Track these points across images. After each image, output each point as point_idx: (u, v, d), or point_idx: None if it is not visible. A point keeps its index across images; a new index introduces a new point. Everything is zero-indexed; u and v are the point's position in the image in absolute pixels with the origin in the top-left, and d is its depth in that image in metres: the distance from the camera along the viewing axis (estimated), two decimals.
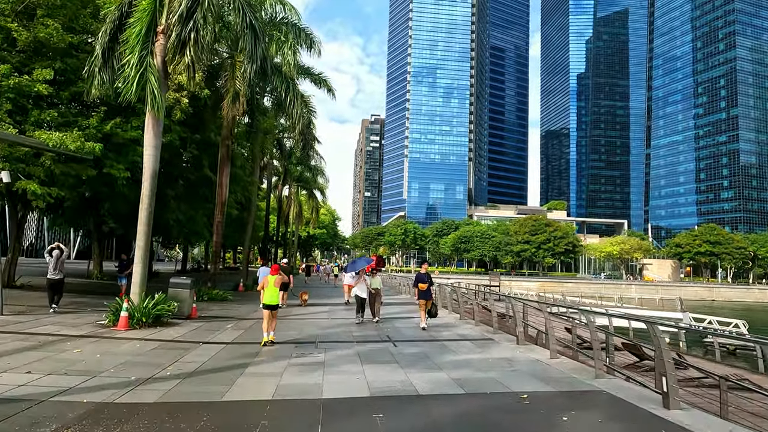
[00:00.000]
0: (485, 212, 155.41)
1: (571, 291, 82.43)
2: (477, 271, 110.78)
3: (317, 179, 50.29)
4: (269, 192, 42.56)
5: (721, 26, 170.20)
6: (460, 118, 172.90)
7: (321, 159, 36.07)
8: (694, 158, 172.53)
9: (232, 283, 26.54)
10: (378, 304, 14.41)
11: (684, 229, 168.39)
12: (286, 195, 50.31)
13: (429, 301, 13.11)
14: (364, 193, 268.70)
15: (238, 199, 25.46)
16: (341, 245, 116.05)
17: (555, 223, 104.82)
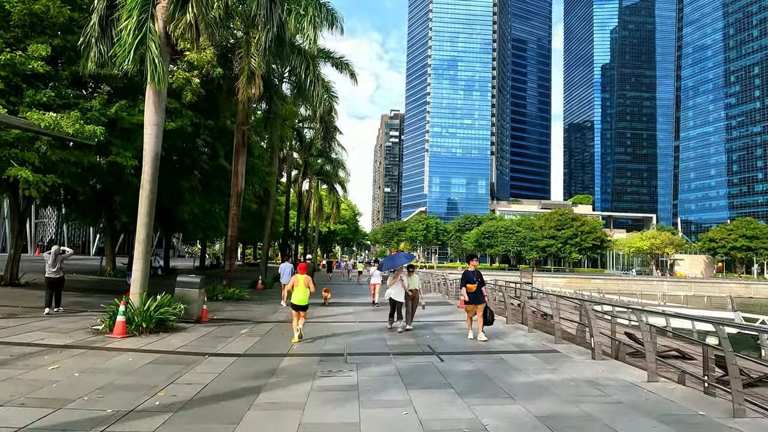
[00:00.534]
0: (508, 207, 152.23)
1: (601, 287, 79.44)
2: (501, 267, 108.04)
3: (338, 172, 48.62)
4: (289, 186, 41.03)
5: (755, 12, 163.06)
6: (482, 111, 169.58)
7: (342, 149, 34.32)
8: (726, 150, 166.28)
9: (250, 280, 25.02)
10: (415, 307, 12.43)
11: (715, 224, 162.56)
12: (306, 189, 48.80)
13: (480, 306, 10.51)
14: (383, 189, 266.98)
15: (256, 192, 23.86)
16: (362, 241, 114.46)
17: (582, 218, 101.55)
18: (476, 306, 10.54)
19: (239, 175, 18.18)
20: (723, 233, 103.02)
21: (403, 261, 12.49)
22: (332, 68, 25.02)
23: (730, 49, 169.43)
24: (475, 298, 10.54)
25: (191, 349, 8.74)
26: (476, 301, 10.53)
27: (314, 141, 38.24)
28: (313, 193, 53.21)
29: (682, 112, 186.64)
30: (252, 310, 15.33)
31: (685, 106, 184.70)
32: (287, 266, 18.04)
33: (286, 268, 17.74)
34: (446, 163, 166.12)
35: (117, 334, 9.49)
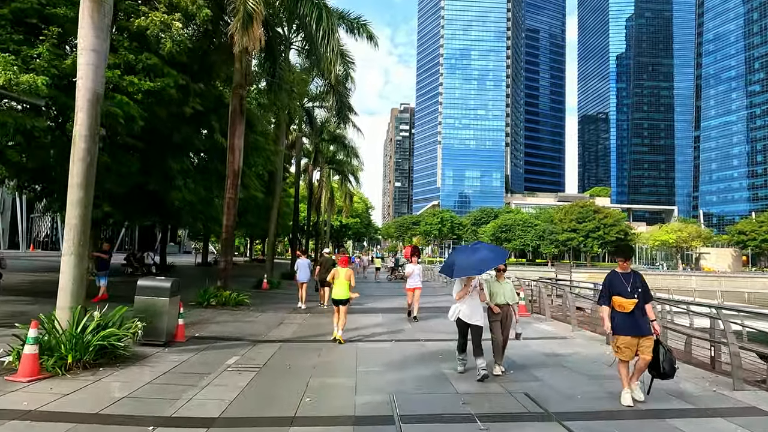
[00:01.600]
0: (523, 200, 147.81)
1: None
2: (519, 262, 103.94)
3: (351, 160, 44.95)
4: (298, 175, 37.45)
5: None
6: (496, 101, 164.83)
7: (357, 131, 30.48)
8: (750, 140, 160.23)
9: (255, 279, 21.53)
10: (507, 335, 7.40)
11: (738, 216, 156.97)
12: (316, 179, 45.22)
13: (645, 342, 5.67)
14: (394, 184, 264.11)
15: (260, 174, 20.18)
16: (374, 236, 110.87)
17: (604, 210, 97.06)
18: (639, 340, 5.68)
19: (236, 150, 14.53)
20: (753, 225, 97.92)
21: (489, 259, 6.93)
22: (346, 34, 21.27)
23: (754, 35, 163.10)
24: (633, 325, 5.68)
25: (134, 406, 5.12)
26: (637, 332, 5.68)
27: (326, 124, 34.62)
28: (325, 183, 49.69)
29: (702, 101, 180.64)
30: (251, 321, 11.71)
31: (706, 95, 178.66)
32: (304, 262, 15.65)
33: (302, 264, 15.46)
34: (459, 156, 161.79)
35: (24, 374, 5.91)
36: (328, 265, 13.59)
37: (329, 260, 14.33)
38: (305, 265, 15.39)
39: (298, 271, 15.42)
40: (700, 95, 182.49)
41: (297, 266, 15.78)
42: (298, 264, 15.73)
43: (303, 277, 15.02)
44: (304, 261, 15.72)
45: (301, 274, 15.10)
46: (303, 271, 15.16)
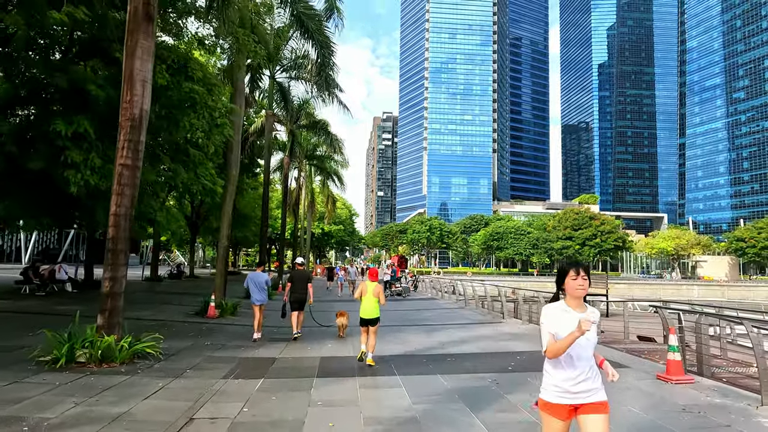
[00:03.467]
0: (511, 207, 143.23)
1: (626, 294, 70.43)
2: (510, 272, 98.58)
3: (334, 157, 38.64)
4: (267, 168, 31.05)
5: (764, 2, 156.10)
6: (483, 106, 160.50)
7: (345, 109, 24.12)
8: (736, 146, 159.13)
9: (204, 300, 14.99)
10: None
11: (725, 224, 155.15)
12: (296, 178, 38.79)
13: None
14: (376, 193, 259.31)
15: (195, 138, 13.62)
16: (357, 245, 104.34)
17: (601, 216, 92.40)
18: None
19: (136, 82, 8.15)
20: (752, 232, 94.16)
21: None
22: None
23: (737, 42, 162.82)
24: None
25: None
26: None
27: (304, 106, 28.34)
28: (305, 182, 43.30)
29: (687, 108, 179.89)
30: (127, 415, 5.26)
31: (691, 102, 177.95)
32: (258, 276, 11.45)
33: (256, 279, 11.34)
34: (446, 162, 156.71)
35: None
36: (302, 280, 10.88)
37: (303, 274, 11.11)
38: (261, 282, 11.27)
39: (251, 290, 11.29)
40: (685, 102, 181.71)
41: (247, 282, 11.35)
42: (248, 279, 11.36)
43: (258, 297, 11.12)
44: (259, 275, 11.41)
45: (255, 295, 11.14)
46: (255, 290, 11.18)
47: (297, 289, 10.73)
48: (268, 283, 11.48)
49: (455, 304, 20.03)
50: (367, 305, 8.45)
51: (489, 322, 13.73)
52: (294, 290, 10.79)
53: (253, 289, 11.12)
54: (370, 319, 8.35)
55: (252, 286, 11.11)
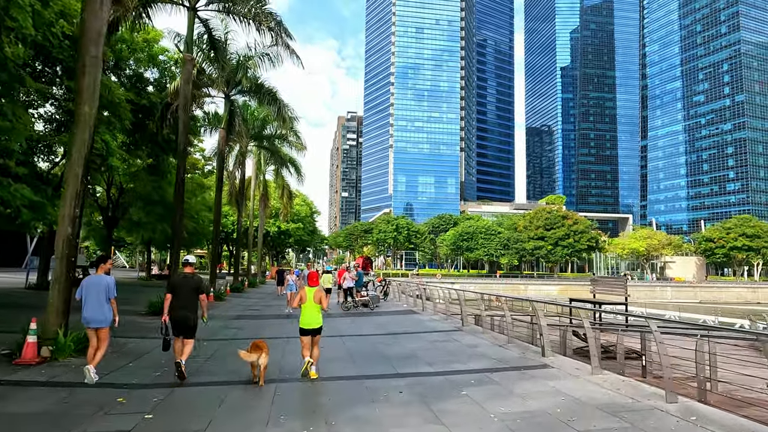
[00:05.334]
0: (479, 207, 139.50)
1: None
2: (480, 274, 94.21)
3: (288, 137, 32.47)
4: (222, 160, 24.73)
5: (723, 7, 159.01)
6: (451, 104, 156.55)
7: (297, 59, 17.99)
8: (696, 149, 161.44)
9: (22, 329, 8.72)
10: None
11: (686, 225, 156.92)
12: (239, 162, 32.35)
13: None
14: (341, 194, 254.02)
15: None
16: (319, 245, 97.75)
17: (573, 216, 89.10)
18: None
19: None
20: (721, 232, 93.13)
21: None
22: None
23: (697, 46, 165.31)
24: None
25: None
26: None
27: (244, 62, 22.20)
28: (254, 169, 37.03)
29: (649, 111, 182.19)
30: None
31: (652, 105, 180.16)
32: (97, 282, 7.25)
33: (93, 285, 7.21)
34: (412, 161, 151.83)
35: None
36: (189, 290, 7.26)
37: (190, 282, 7.36)
38: (100, 288, 7.16)
39: (83, 302, 7.10)
40: (647, 105, 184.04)
41: (80, 291, 7.19)
42: (84, 287, 7.18)
43: (92, 314, 7.03)
44: (99, 280, 7.27)
45: (90, 309, 7.02)
46: (94, 302, 7.05)
47: (181, 304, 7.23)
48: (111, 292, 7.25)
49: (444, 322, 14.30)
50: (308, 314, 7.61)
51: (525, 365, 8.05)
52: (176, 305, 7.22)
53: (87, 301, 7.08)
54: (312, 329, 7.54)
55: (86, 296, 7.10)
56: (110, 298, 7.17)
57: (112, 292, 7.19)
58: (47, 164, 21.85)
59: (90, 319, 6.99)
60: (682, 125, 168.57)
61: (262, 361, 6.92)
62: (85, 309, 7.00)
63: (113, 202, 28.29)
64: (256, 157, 36.72)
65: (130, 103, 20.77)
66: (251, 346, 7.08)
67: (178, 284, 7.24)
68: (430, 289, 19.65)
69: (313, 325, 7.57)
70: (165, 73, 22.93)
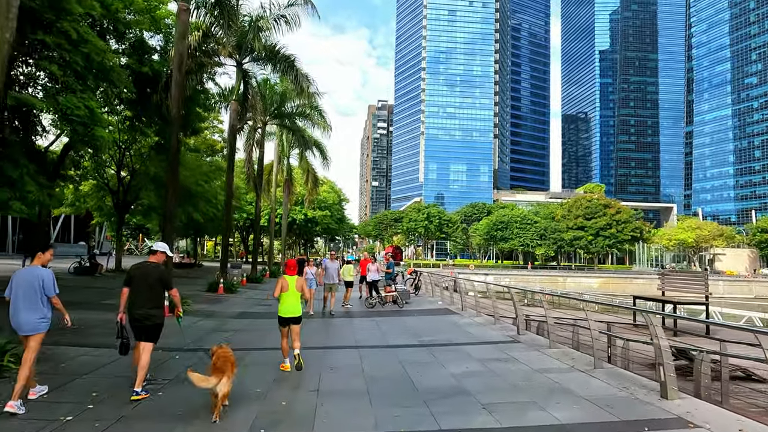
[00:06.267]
0: (513, 196, 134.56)
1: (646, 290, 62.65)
2: (516, 265, 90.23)
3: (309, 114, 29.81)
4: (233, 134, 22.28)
5: None
6: (484, 90, 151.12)
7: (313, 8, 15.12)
8: (747, 134, 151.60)
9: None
10: None
11: (734, 215, 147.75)
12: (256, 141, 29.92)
13: None
14: (371, 183, 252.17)
15: None
16: (348, 234, 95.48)
17: (616, 204, 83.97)
18: None
19: None
20: None
21: None
22: None
23: (750, 24, 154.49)
24: None
25: None
26: None
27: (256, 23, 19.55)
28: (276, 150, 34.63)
29: (695, 95, 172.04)
30: None
31: (699, 89, 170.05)
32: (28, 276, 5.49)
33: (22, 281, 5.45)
34: (444, 148, 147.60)
35: None
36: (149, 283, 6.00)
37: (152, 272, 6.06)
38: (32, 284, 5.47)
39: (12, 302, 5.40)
40: (692, 89, 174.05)
41: (9, 289, 5.40)
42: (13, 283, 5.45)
43: (25, 317, 5.40)
44: (31, 273, 5.52)
45: (20, 311, 5.40)
46: (25, 302, 5.43)
47: (140, 300, 5.83)
48: (48, 289, 5.47)
49: (492, 327, 11.34)
50: (288, 302, 7.38)
51: (644, 417, 5.05)
52: (134, 301, 5.84)
53: (15, 300, 5.36)
54: (292, 317, 7.34)
55: (14, 295, 5.37)
56: (49, 297, 5.49)
57: (49, 289, 5.45)
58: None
59: (18, 323, 5.36)
60: (732, 109, 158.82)
61: (222, 388, 4.97)
62: (13, 311, 5.36)
63: (124, 186, 26.31)
64: (278, 139, 34.28)
65: (130, 71, 18.49)
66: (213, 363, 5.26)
67: (137, 276, 5.95)
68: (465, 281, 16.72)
69: (294, 314, 7.37)
70: (171, 40, 20.52)
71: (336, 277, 14.74)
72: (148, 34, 20.30)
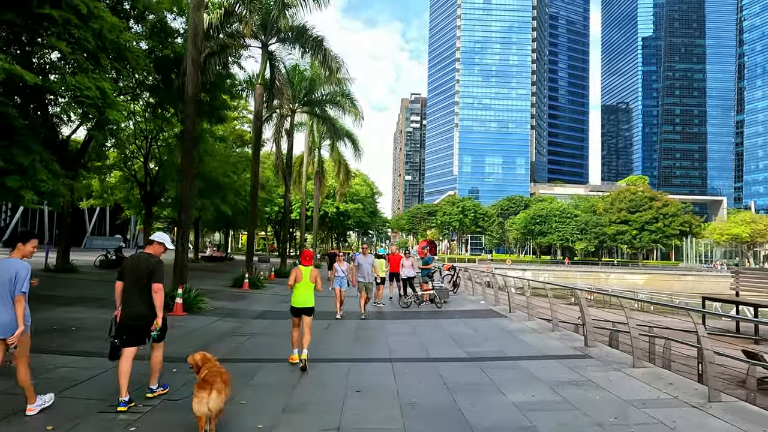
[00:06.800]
0: (550, 189, 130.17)
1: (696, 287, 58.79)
2: (555, 260, 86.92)
3: (341, 103, 28.40)
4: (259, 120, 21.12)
5: None
6: (521, 80, 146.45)
7: None
8: None
9: None
10: None
11: None
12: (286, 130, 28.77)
13: None
14: (404, 177, 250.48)
15: None
16: (381, 228, 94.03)
17: (663, 197, 79.51)
18: None
19: None
20: None
21: None
22: None
23: None
24: None
25: None
26: None
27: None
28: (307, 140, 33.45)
29: (746, 82, 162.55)
30: None
31: (751, 76, 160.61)
32: None
33: None
34: (479, 140, 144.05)
35: None
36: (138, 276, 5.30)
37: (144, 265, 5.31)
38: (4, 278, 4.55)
39: None
40: (744, 76, 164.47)
41: None
42: None
43: None
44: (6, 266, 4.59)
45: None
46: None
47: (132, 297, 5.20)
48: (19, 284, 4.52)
49: (551, 335, 9.60)
50: (301, 292, 7.19)
51: None
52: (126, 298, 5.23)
53: None
54: (304, 308, 7.14)
55: None
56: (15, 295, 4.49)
57: (21, 284, 4.52)
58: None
59: None
60: None
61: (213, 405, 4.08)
62: None
63: (152, 177, 25.58)
64: (309, 128, 33.06)
65: (153, 57, 17.55)
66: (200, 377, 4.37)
67: (128, 268, 5.32)
68: (515, 279, 14.97)
69: (307, 304, 7.20)
70: None
71: (371, 275, 12.85)
72: (170, 16, 19.35)
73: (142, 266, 5.22)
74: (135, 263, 5.30)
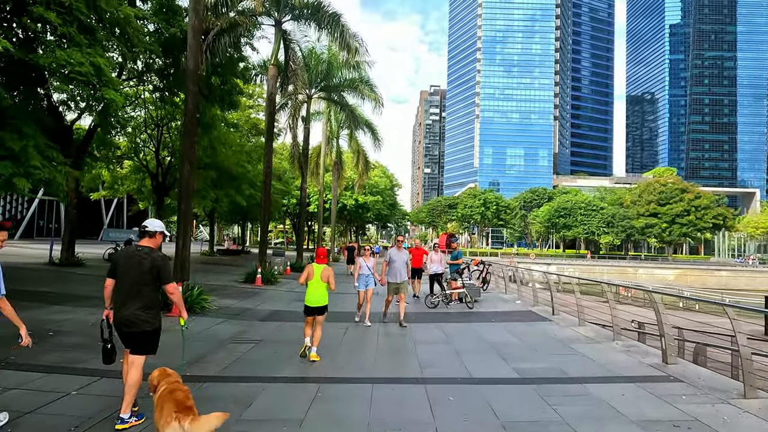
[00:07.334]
0: (573, 182, 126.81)
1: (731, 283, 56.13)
2: (579, 254, 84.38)
3: (360, 89, 26.91)
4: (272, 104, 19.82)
5: None
6: (544, 69, 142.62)
7: None
8: None
9: None
10: None
11: None
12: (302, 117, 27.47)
13: None
14: (423, 170, 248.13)
15: None
16: (401, 221, 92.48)
17: (694, 189, 76.28)
18: None
19: None
20: None
21: None
22: None
23: None
24: None
25: None
26: None
27: None
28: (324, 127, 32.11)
29: None
30: None
31: None
32: None
33: None
34: (500, 131, 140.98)
35: None
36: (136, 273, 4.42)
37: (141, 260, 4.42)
38: None
39: None
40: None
41: None
42: None
43: None
44: None
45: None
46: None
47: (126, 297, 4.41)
48: None
49: (611, 346, 8.01)
50: (314, 291, 7.08)
51: None
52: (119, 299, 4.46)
53: None
54: (317, 307, 7.02)
55: None
56: None
57: None
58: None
59: None
60: None
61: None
62: None
63: (163, 167, 24.51)
64: (326, 117, 31.70)
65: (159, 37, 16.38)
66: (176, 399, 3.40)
67: (123, 264, 4.42)
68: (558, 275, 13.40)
69: (321, 303, 7.05)
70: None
71: (405, 274, 10.54)
72: None
73: (144, 264, 4.36)
74: (132, 260, 4.42)
